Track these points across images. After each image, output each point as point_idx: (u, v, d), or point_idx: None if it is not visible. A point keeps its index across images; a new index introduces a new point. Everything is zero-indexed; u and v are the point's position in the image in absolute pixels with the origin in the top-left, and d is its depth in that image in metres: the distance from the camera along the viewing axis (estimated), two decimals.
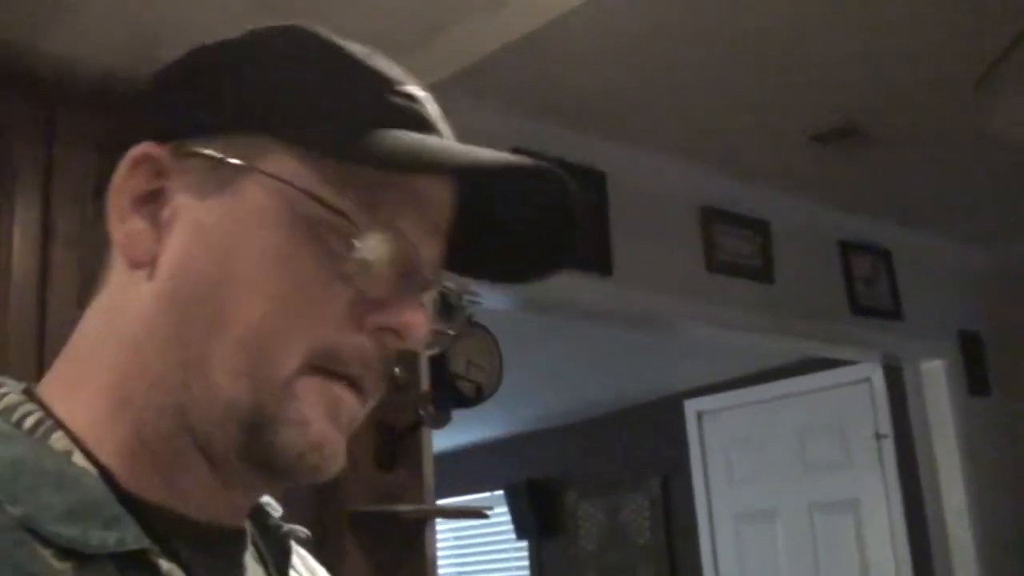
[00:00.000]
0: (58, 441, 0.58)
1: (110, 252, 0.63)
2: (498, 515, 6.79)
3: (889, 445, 4.84)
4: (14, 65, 1.99)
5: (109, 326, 0.62)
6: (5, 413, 0.59)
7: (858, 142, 3.52)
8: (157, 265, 0.61)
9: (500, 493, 6.97)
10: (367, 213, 0.60)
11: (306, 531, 0.75)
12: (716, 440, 5.80)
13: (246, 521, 0.68)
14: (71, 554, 0.53)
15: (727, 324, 3.71)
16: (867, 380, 4.93)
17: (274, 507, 0.74)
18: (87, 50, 2.02)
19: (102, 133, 1.95)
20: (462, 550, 7.65)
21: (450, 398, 2.77)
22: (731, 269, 3.71)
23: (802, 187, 3.88)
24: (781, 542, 5.37)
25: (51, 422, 0.59)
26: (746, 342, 4.03)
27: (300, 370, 0.59)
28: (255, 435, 0.59)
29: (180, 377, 0.59)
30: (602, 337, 4.50)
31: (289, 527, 0.73)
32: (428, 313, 0.64)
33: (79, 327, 0.64)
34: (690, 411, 5.93)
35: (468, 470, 6.90)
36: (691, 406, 5.92)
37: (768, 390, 5.45)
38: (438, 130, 0.64)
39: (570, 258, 0.67)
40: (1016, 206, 4.15)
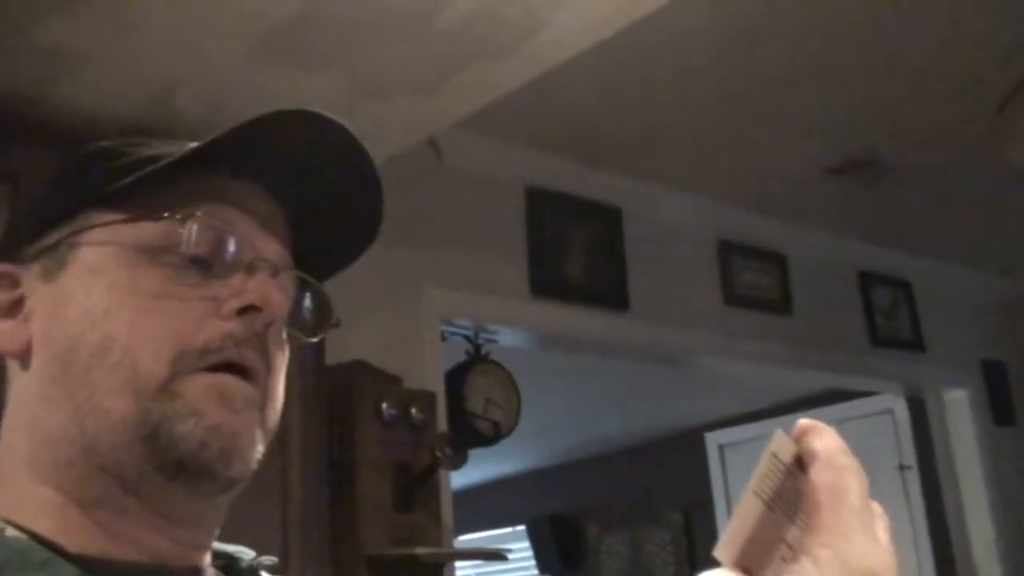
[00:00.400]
0: None
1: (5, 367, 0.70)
2: (521, 550, 6.75)
3: (914, 476, 4.79)
4: (27, 115, 2.01)
5: (15, 420, 0.68)
6: None
7: (876, 173, 3.51)
8: (31, 350, 0.68)
9: (522, 528, 6.93)
10: (183, 218, 0.67)
11: (273, 559, 0.77)
12: (739, 473, 5.75)
13: (205, 562, 0.70)
14: None
15: (746, 357, 3.69)
16: (889, 411, 4.88)
17: (245, 553, 0.76)
18: (100, 101, 2.04)
19: None
20: None
21: (467, 438, 2.76)
22: (749, 302, 3.69)
23: (820, 219, 3.86)
24: None
25: None
26: (765, 375, 4.01)
27: (176, 371, 0.64)
28: (155, 441, 0.63)
29: (77, 423, 0.64)
30: (622, 371, 4.48)
31: (257, 559, 0.76)
32: (284, 288, 0.69)
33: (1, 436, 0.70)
34: (712, 444, 5.89)
35: (490, 505, 6.86)
36: (713, 439, 5.89)
37: (790, 422, 5.26)
38: (169, 152, 0.70)
39: (376, 204, 0.73)
40: None
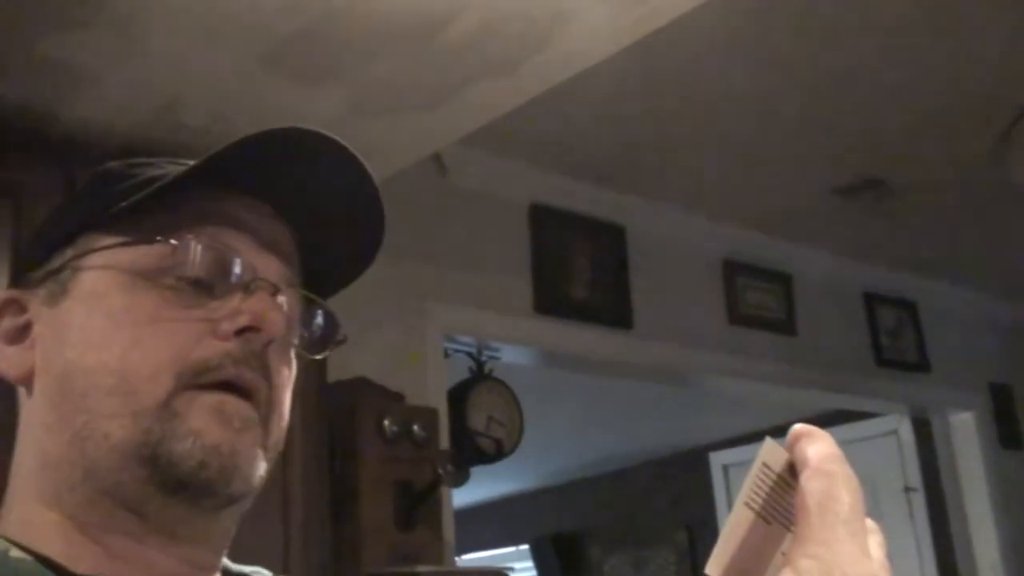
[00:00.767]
0: None
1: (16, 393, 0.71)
2: (524, 570, 6.72)
3: (919, 499, 4.77)
4: (31, 130, 2.02)
5: (22, 444, 0.70)
6: None
7: (882, 194, 3.51)
8: (35, 375, 0.69)
9: (526, 548, 6.91)
10: (183, 239, 0.67)
11: (268, 572, 0.77)
12: None
13: None
14: None
15: (750, 377, 3.68)
16: (895, 433, 4.87)
17: (261, 573, 0.77)
18: (104, 115, 2.04)
19: None
20: None
21: (470, 455, 2.75)
22: (754, 322, 3.69)
23: (825, 239, 3.86)
24: None
25: None
26: (770, 394, 3.99)
27: (174, 391, 0.64)
28: (155, 461, 0.63)
29: (77, 448, 0.65)
30: (626, 390, 4.47)
31: (254, 570, 0.76)
32: (281, 308, 0.69)
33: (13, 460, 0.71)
34: (716, 464, 5.88)
35: (493, 524, 6.84)
36: (717, 459, 5.87)
37: None
38: (172, 172, 0.70)
39: (378, 223, 0.73)
40: None
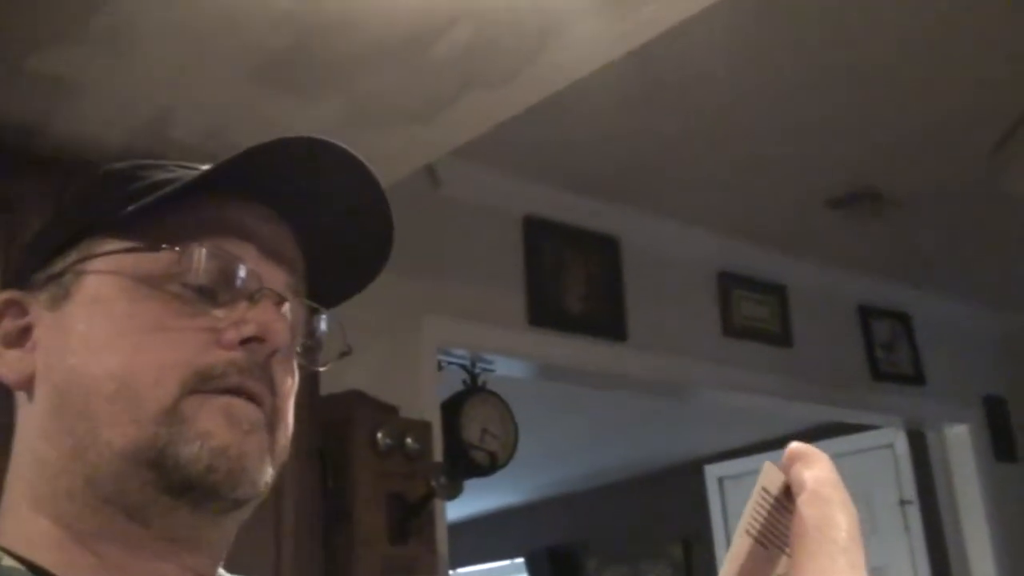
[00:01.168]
0: None
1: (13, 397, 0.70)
2: None
3: (914, 511, 4.76)
4: (23, 145, 2.01)
5: (19, 450, 0.68)
6: None
7: (877, 206, 3.50)
8: (34, 380, 0.67)
9: (520, 561, 6.88)
10: (188, 246, 0.67)
11: None
12: (738, 506, 5.69)
13: None
14: None
15: (745, 389, 3.67)
16: (890, 446, 4.86)
17: None
18: (96, 129, 2.04)
19: None
20: None
21: (464, 468, 2.74)
22: (748, 334, 3.68)
23: (820, 251, 3.86)
24: None
25: None
26: (764, 407, 3.99)
27: (180, 397, 0.63)
28: (161, 465, 0.63)
29: (78, 456, 0.64)
30: (620, 402, 4.46)
31: None
32: (286, 318, 0.68)
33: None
34: (711, 476, 5.87)
35: (488, 538, 6.81)
36: (712, 471, 5.87)
37: None
38: (182, 176, 0.70)
39: (387, 232, 0.72)
40: None
